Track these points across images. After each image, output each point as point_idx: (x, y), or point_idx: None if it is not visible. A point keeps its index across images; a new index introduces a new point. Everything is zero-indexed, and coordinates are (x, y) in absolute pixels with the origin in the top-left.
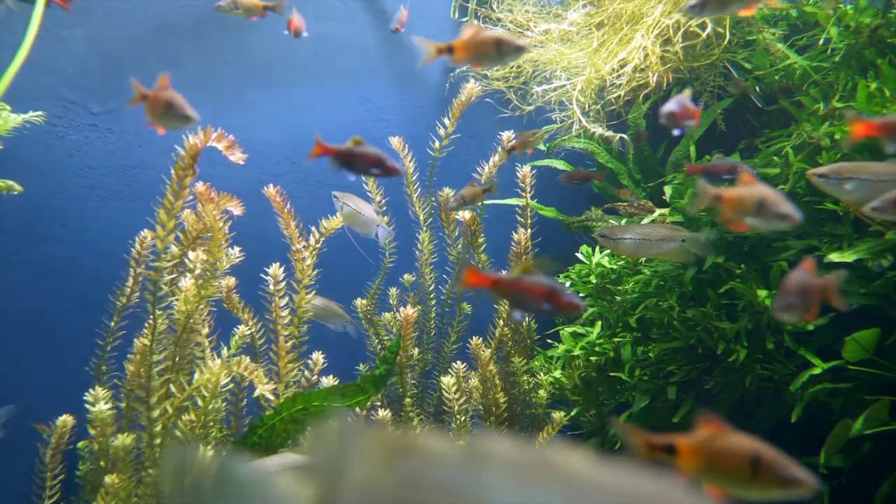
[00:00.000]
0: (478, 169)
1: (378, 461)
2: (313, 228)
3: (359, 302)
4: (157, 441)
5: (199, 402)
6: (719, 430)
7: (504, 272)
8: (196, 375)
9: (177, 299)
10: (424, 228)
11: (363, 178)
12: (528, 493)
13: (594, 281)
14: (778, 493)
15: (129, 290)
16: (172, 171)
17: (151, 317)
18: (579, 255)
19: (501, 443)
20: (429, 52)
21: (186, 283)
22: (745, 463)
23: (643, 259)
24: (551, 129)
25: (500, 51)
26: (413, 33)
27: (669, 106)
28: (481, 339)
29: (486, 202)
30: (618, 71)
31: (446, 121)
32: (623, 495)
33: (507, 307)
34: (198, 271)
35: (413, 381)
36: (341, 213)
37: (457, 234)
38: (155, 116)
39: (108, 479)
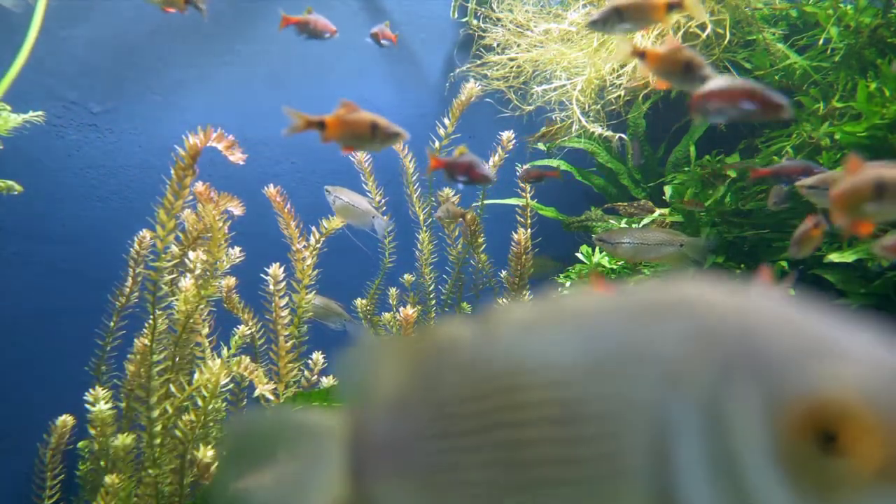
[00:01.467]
0: None
1: (402, 373)
2: (313, 228)
3: (359, 302)
4: (157, 441)
5: (199, 402)
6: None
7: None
8: (196, 375)
9: (177, 299)
10: (424, 228)
11: (362, 178)
12: (546, 340)
13: None
14: None
15: (128, 290)
16: (172, 171)
17: (151, 317)
18: (579, 255)
19: (512, 306)
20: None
21: (186, 283)
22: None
23: None
24: (551, 129)
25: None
26: (413, 33)
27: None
28: None
29: (485, 202)
30: (618, 71)
31: (446, 121)
32: (643, 304)
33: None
34: (198, 271)
35: None
36: (334, 207)
37: (457, 234)
38: (355, 140)
39: (108, 479)
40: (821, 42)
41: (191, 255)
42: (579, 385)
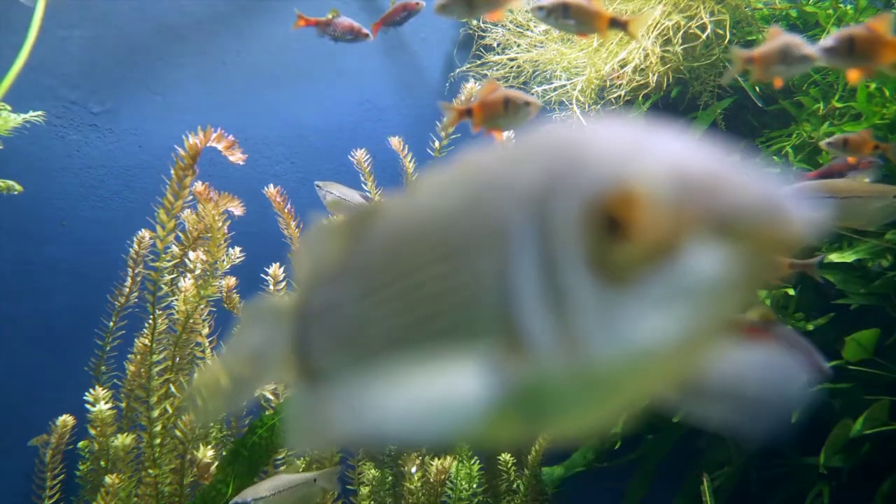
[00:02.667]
0: None
1: (338, 248)
2: None
3: None
4: (157, 441)
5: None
6: None
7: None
8: (196, 375)
9: (176, 299)
10: None
11: (362, 178)
12: (440, 193)
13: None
14: None
15: (127, 290)
16: (172, 172)
17: (151, 317)
18: None
19: (426, 174)
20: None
21: (186, 283)
22: None
23: None
24: None
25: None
26: (412, 33)
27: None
28: None
29: None
30: (618, 71)
31: (447, 121)
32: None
33: None
34: (198, 271)
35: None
36: (325, 202)
37: None
38: (495, 120)
39: (108, 479)
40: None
41: (191, 255)
42: (455, 223)
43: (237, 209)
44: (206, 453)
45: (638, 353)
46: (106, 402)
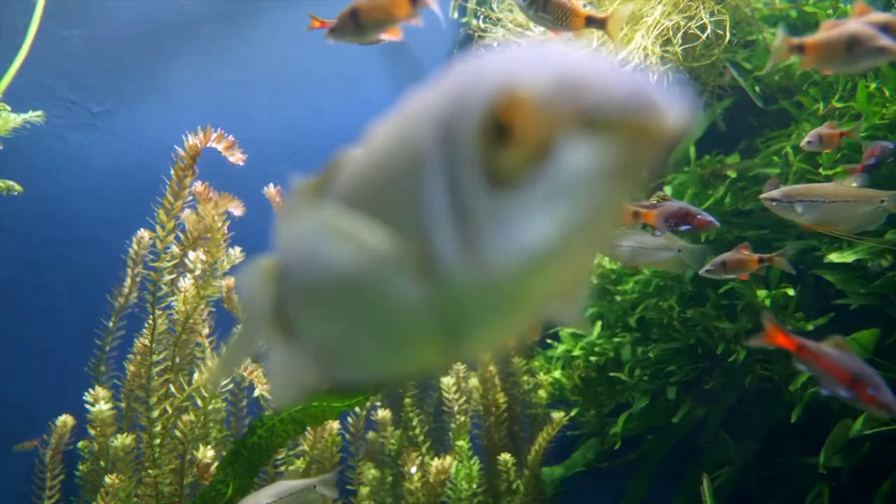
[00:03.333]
0: None
1: (309, 202)
2: None
3: None
4: (157, 441)
5: (199, 403)
6: None
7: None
8: (196, 375)
9: (176, 300)
10: None
11: None
12: (385, 132)
13: (594, 281)
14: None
15: (126, 290)
16: (172, 172)
17: (151, 317)
18: None
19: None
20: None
21: (186, 283)
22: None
23: None
24: None
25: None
26: (412, 33)
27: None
28: None
29: None
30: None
31: None
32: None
33: None
34: (198, 272)
35: (413, 381)
36: None
37: None
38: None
39: (108, 479)
40: None
41: (191, 255)
42: (389, 161)
43: (237, 209)
44: (206, 453)
45: (529, 255)
46: (106, 403)
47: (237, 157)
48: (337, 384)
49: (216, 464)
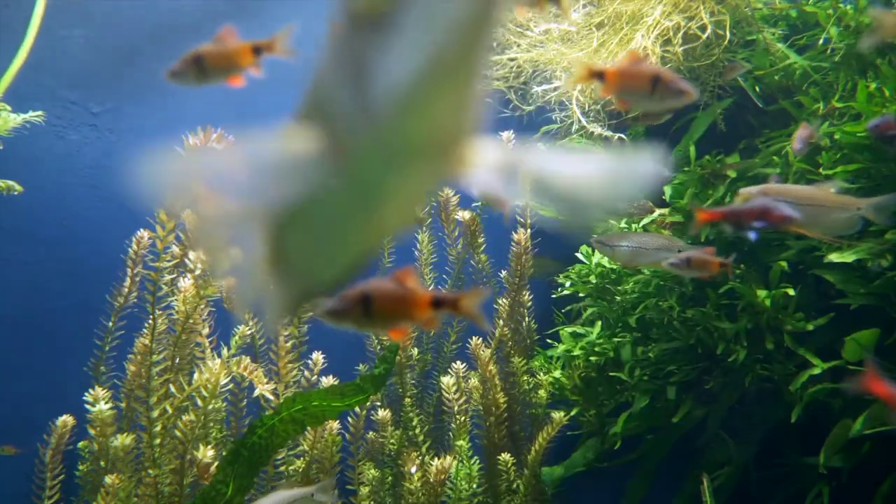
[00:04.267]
0: None
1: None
2: None
3: None
4: (157, 441)
5: (199, 403)
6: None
7: None
8: (196, 375)
9: (176, 300)
10: (424, 228)
11: None
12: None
13: (594, 281)
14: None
15: (126, 290)
16: None
17: (151, 317)
18: (579, 255)
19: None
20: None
21: (186, 283)
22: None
23: None
24: (551, 128)
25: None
26: None
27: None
28: (481, 339)
29: (486, 202)
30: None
31: None
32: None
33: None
34: (198, 271)
35: (413, 381)
36: None
37: (457, 234)
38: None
39: (108, 479)
40: (821, 42)
41: (191, 255)
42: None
43: None
44: (206, 453)
45: (405, 85)
46: (106, 403)
47: None
48: (306, 291)
49: (216, 464)
